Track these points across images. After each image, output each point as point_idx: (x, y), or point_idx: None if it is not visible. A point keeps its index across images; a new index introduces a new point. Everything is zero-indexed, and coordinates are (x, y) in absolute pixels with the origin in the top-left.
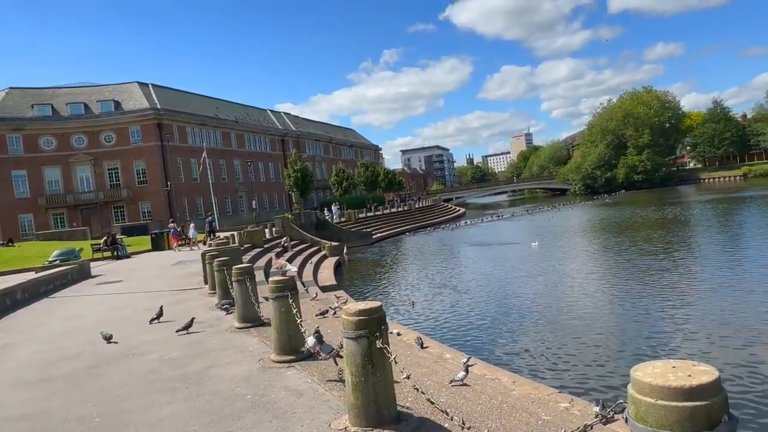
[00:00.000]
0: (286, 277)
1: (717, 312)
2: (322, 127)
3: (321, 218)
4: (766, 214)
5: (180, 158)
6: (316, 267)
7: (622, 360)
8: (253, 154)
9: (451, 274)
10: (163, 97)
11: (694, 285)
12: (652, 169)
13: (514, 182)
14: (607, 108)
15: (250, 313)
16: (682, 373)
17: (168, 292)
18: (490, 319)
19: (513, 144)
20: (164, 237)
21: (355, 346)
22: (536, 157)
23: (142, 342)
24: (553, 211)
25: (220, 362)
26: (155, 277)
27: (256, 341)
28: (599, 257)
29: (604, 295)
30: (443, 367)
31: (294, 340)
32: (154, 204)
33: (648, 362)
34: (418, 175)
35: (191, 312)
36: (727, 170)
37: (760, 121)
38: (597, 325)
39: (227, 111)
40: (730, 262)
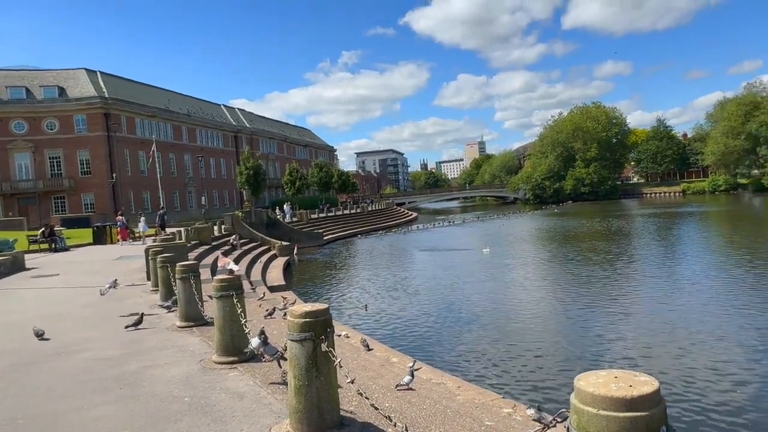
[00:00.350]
0: (232, 276)
1: (657, 322)
2: (277, 125)
3: (272, 217)
4: (702, 228)
5: (127, 150)
6: (265, 266)
7: (565, 367)
8: (205, 150)
9: (402, 278)
10: (111, 86)
11: (635, 295)
12: (598, 182)
13: (467, 189)
14: (558, 121)
15: (193, 311)
16: (624, 383)
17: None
18: (439, 324)
19: (467, 151)
20: (107, 230)
21: (299, 348)
22: (489, 165)
23: (77, 339)
24: (504, 218)
25: (158, 362)
26: (95, 272)
27: (197, 341)
28: (547, 265)
29: (551, 303)
30: (389, 371)
31: (237, 341)
32: (98, 196)
33: (591, 372)
34: (372, 178)
35: (131, 309)
36: (668, 186)
37: (698, 141)
38: (543, 333)
39: (179, 104)
40: (668, 273)
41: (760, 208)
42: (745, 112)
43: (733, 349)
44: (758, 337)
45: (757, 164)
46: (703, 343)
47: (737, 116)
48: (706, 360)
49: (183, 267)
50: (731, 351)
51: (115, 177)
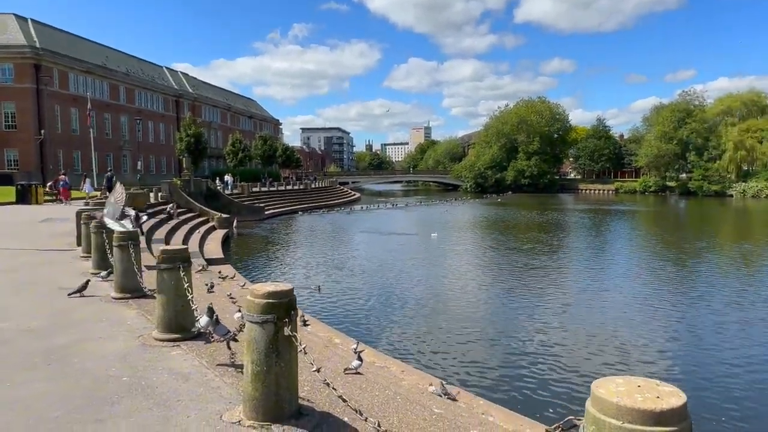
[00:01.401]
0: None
1: (591, 310)
2: (222, 93)
3: (212, 188)
4: (633, 227)
5: (58, 106)
6: (203, 238)
7: (501, 352)
8: (143, 112)
9: (347, 258)
10: (43, 36)
11: (571, 285)
12: (538, 174)
13: (411, 173)
14: (504, 112)
15: (131, 282)
16: (649, 393)
17: (32, 251)
18: (383, 306)
19: (412, 136)
20: (33, 189)
21: (259, 331)
22: (433, 151)
23: None
24: (447, 205)
25: (91, 336)
26: (17, 234)
27: (135, 314)
28: (492, 253)
29: (494, 290)
30: (334, 353)
31: (182, 317)
32: (23, 153)
33: (609, 378)
34: (316, 155)
35: (60, 276)
36: (603, 184)
37: (633, 143)
38: (483, 319)
39: (118, 62)
40: (601, 266)
41: (685, 210)
42: (678, 119)
43: (654, 338)
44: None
45: (685, 169)
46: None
47: (671, 122)
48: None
49: (121, 234)
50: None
51: (44, 134)
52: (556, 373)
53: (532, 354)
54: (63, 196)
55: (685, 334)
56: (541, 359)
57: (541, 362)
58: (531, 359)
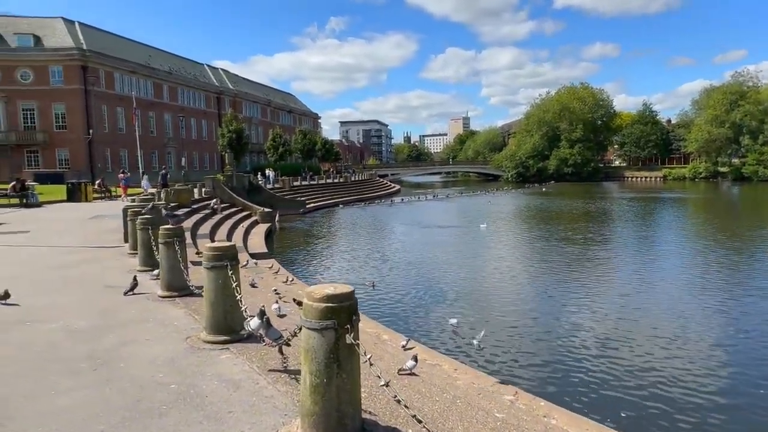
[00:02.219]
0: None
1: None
2: (261, 89)
3: (254, 182)
4: (686, 214)
5: (105, 105)
6: (246, 232)
7: (557, 347)
8: (186, 110)
9: (392, 251)
10: (90, 38)
11: (628, 275)
12: (582, 163)
13: (450, 164)
14: (545, 100)
15: (177, 280)
16: None
17: (81, 248)
18: (431, 300)
19: (451, 126)
20: (82, 187)
21: (318, 339)
22: (473, 141)
23: (44, 306)
24: (490, 195)
25: (138, 338)
26: (68, 231)
27: (182, 314)
28: (544, 242)
29: (549, 281)
30: (383, 350)
31: (230, 318)
32: (73, 152)
33: None
34: (355, 148)
35: (107, 274)
36: (649, 171)
37: (682, 127)
38: (538, 312)
39: (161, 60)
40: (656, 255)
41: (739, 196)
42: (731, 102)
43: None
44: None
45: (738, 154)
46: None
47: (722, 105)
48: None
49: (167, 231)
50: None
51: (92, 133)
52: (615, 369)
53: (589, 350)
54: (123, 192)
55: (746, 326)
56: (600, 355)
57: (599, 357)
58: (588, 355)
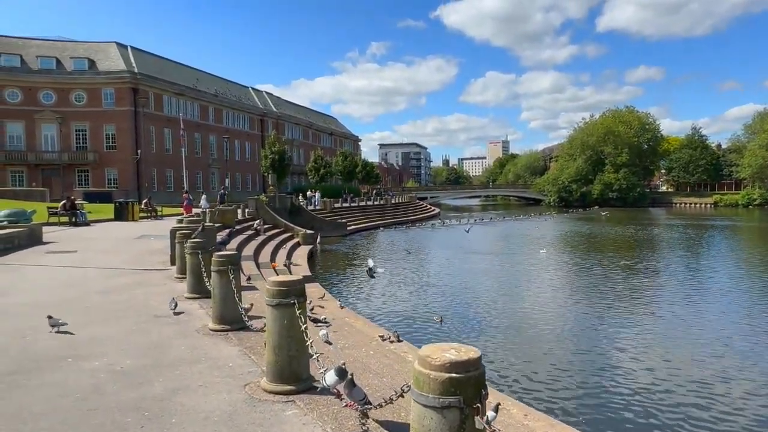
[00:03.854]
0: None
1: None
2: (303, 111)
3: (296, 204)
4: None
5: (153, 127)
6: (288, 254)
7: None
8: (231, 131)
9: (449, 279)
10: (141, 61)
11: (686, 310)
12: (627, 188)
13: (490, 187)
14: (589, 123)
15: (230, 313)
16: None
17: (128, 270)
18: (500, 335)
19: (490, 150)
20: (129, 207)
21: (437, 421)
22: (513, 165)
23: (89, 338)
24: (536, 219)
25: (190, 383)
26: (115, 251)
27: (237, 353)
28: (609, 271)
29: (627, 315)
30: None
31: (296, 364)
32: (121, 171)
33: None
34: (394, 171)
35: (154, 300)
36: (699, 197)
37: (734, 152)
38: (621, 350)
39: (207, 83)
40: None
41: None
42: None
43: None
44: None
45: None
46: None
47: None
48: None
49: (222, 259)
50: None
51: (140, 153)
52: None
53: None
54: (185, 212)
55: None
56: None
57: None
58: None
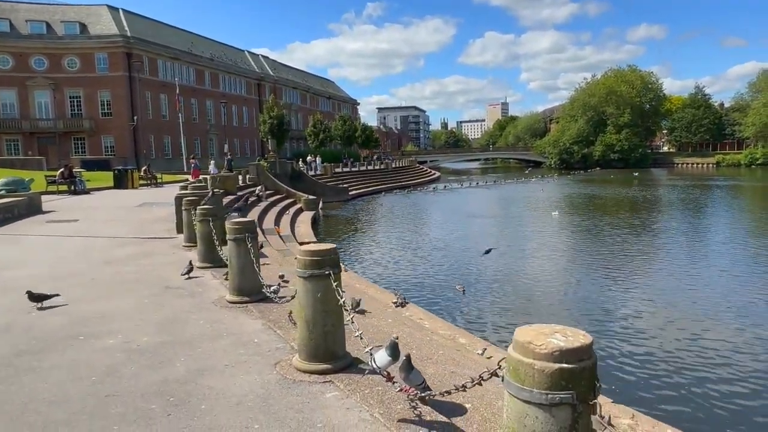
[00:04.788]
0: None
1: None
2: (301, 75)
3: (297, 169)
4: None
5: (149, 92)
6: (293, 220)
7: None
8: (228, 96)
9: (459, 244)
10: (134, 25)
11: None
12: (629, 149)
13: (490, 150)
14: (590, 83)
15: (250, 283)
16: None
17: (133, 239)
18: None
19: (489, 112)
20: (129, 174)
21: (544, 421)
22: (513, 127)
23: (98, 313)
24: (540, 182)
25: (215, 363)
26: (117, 220)
27: (261, 327)
28: (626, 232)
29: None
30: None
31: (332, 341)
32: (118, 139)
33: None
34: (393, 135)
35: (164, 271)
36: (701, 157)
37: (737, 111)
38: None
39: (202, 47)
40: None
41: None
42: None
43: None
44: None
45: None
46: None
47: None
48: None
49: (237, 225)
50: None
51: (136, 120)
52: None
53: None
54: (193, 177)
55: None
56: None
57: None
58: None
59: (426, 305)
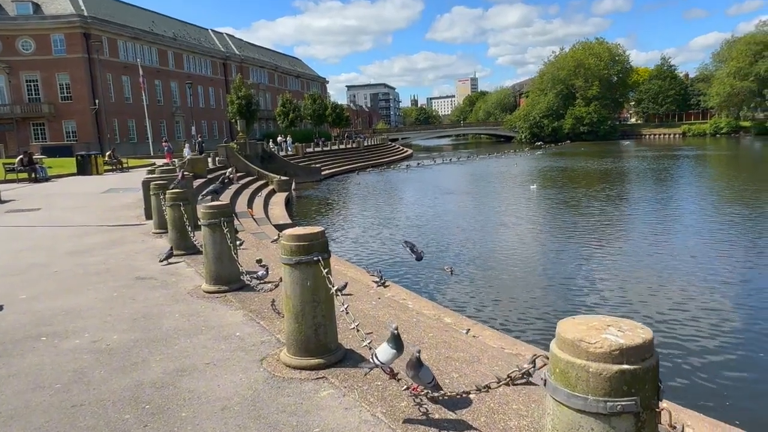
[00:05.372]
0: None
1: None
2: (268, 54)
3: (268, 150)
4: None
5: (110, 74)
6: (265, 202)
7: None
8: (193, 77)
9: (438, 223)
10: (91, 3)
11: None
12: (598, 121)
13: (461, 126)
14: (559, 57)
15: (227, 271)
16: None
17: (100, 228)
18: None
19: (458, 88)
20: (92, 160)
21: (603, 430)
22: (483, 102)
23: (62, 310)
24: (513, 156)
25: (195, 362)
26: (82, 207)
27: (242, 319)
28: (603, 203)
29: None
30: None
31: (324, 334)
32: (80, 123)
33: None
34: (363, 113)
35: (134, 260)
36: (668, 128)
37: (702, 81)
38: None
39: (164, 26)
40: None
41: (763, 152)
42: (754, 53)
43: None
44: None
45: (762, 107)
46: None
47: (746, 56)
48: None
49: (211, 210)
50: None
51: (98, 103)
52: None
53: None
54: (168, 159)
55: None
56: None
57: None
58: None
59: (407, 285)
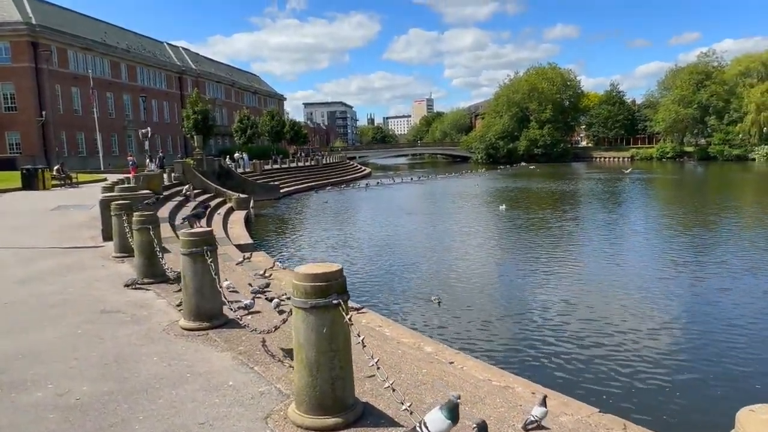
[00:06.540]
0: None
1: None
2: (225, 69)
3: (225, 167)
4: (675, 194)
5: (59, 86)
6: (224, 221)
7: None
8: (147, 90)
9: (405, 245)
10: (39, 11)
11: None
12: (552, 144)
13: (418, 146)
14: (514, 80)
15: (209, 305)
16: None
17: (53, 250)
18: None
19: (415, 108)
20: (39, 174)
21: None
22: (439, 122)
23: (20, 352)
24: (473, 176)
25: (185, 421)
26: (31, 226)
27: (231, 363)
28: (577, 224)
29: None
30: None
31: (341, 388)
32: (25, 135)
33: None
34: (321, 131)
35: (97, 290)
36: (617, 151)
37: (648, 108)
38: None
39: (117, 38)
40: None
41: (705, 175)
42: (697, 82)
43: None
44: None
45: (704, 133)
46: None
47: (689, 85)
48: None
49: (193, 237)
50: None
51: (45, 115)
52: None
53: None
54: (132, 173)
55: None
56: None
57: None
58: None
59: (379, 310)
